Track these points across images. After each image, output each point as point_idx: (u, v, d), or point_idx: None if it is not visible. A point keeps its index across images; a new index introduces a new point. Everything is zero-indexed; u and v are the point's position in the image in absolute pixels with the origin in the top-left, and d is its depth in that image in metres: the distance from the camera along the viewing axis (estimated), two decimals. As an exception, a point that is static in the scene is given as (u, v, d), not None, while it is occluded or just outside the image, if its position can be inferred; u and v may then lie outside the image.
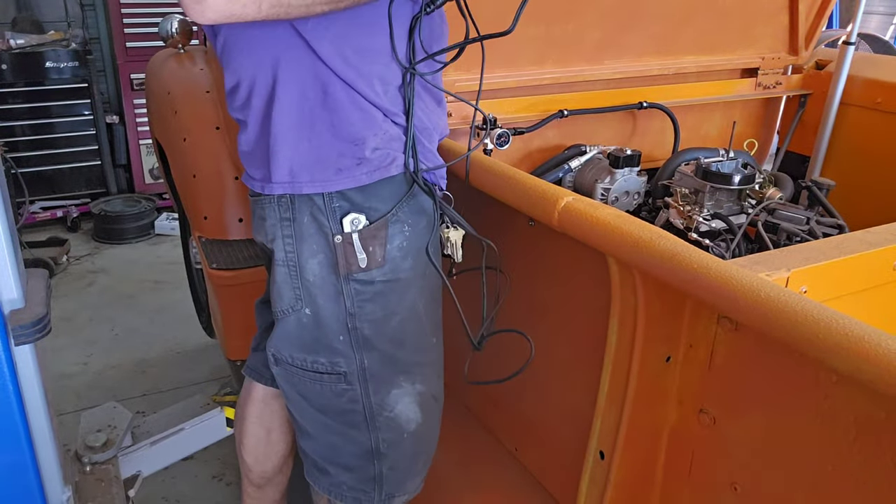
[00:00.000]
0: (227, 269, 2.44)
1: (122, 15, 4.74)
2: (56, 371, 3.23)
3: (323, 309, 1.22)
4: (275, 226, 1.21)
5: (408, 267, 1.24)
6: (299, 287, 1.22)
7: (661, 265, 0.88)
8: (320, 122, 1.15)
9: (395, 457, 1.32)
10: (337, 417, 1.29)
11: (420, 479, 1.38)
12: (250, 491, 1.67)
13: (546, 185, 1.10)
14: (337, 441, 1.31)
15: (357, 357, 1.24)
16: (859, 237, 1.13)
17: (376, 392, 1.27)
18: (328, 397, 1.28)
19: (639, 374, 1.04)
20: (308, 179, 1.16)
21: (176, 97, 2.77)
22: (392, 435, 1.30)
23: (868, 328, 0.69)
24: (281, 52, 1.13)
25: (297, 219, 1.19)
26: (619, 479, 1.10)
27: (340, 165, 1.16)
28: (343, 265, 1.19)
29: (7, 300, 1.31)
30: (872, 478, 0.79)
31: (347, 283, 1.20)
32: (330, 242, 1.18)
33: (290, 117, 1.15)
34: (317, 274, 1.20)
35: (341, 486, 1.34)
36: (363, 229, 1.18)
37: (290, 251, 1.20)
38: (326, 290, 1.21)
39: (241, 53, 1.17)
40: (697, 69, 2.16)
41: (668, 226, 1.72)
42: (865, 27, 6.44)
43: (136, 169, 5.14)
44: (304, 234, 1.19)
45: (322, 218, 1.18)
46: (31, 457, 1.42)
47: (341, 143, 1.16)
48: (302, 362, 1.27)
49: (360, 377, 1.25)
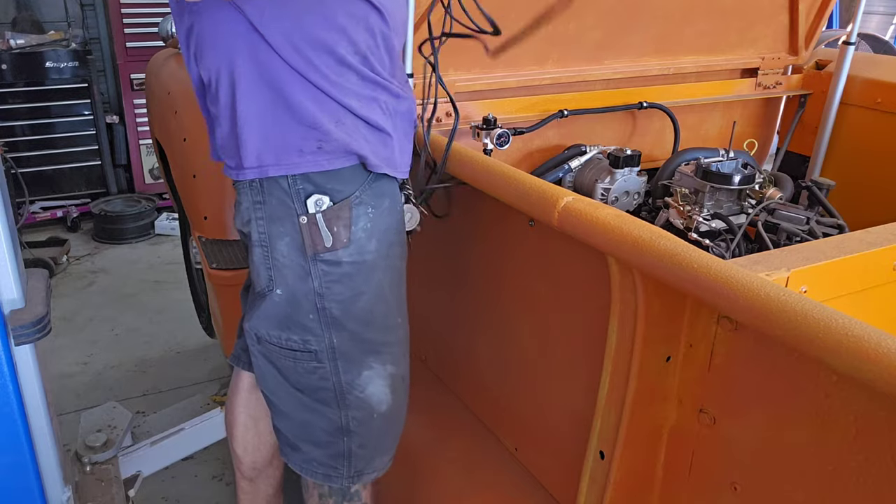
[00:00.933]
0: (227, 269, 2.44)
1: (122, 15, 4.74)
2: (56, 371, 3.23)
3: (293, 288, 1.28)
4: (248, 209, 1.27)
5: (373, 248, 1.29)
6: (271, 268, 1.28)
7: (661, 265, 0.88)
8: (280, 108, 1.21)
9: (364, 434, 1.37)
10: (311, 395, 1.34)
11: (388, 457, 1.43)
12: (243, 485, 1.68)
13: (546, 185, 1.10)
14: (310, 418, 1.36)
15: (326, 336, 1.29)
16: (859, 237, 1.13)
17: (346, 371, 1.32)
18: (301, 374, 1.33)
19: (639, 374, 1.03)
20: (273, 162, 1.23)
21: (176, 97, 2.77)
22: (362, 413, 1.35)
23: (868, 328, 0.69)
24: (239, 45, 1.19)
25: (266, 201, 1.25)
26: (619, 479, 1.10)
27: (302, 148, 1.22)
28: (309, 245, 1.25)
29: (7, 300, 1.31)
30: (872, 478, 0.79)
31: (315, 263, 1.26)
32: (296, 223, 1.24)
33: (252, 106, 1.21)
34: (285, 254, 1.26)
35: (311, 462, 1.39)
36: (327, 210, 1.24)
37: (262, 232, 1.27)
38: (295, 270, 1.27)
39: (209, 50, 1.23)
40: (697, 69, 2.16)
41: (668, 226, 1.72)
42: (865, 27, 6.44)
43: (136, 169, 5.14)
44: (274, 216, 1.25)
45: (287, 200, 1.24)
46: (31, 457, 1.42)
47: (301, 127, 1.21)
48: (277, 339, 1.32)
49: (330, 356, 1.31)
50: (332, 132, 1.22)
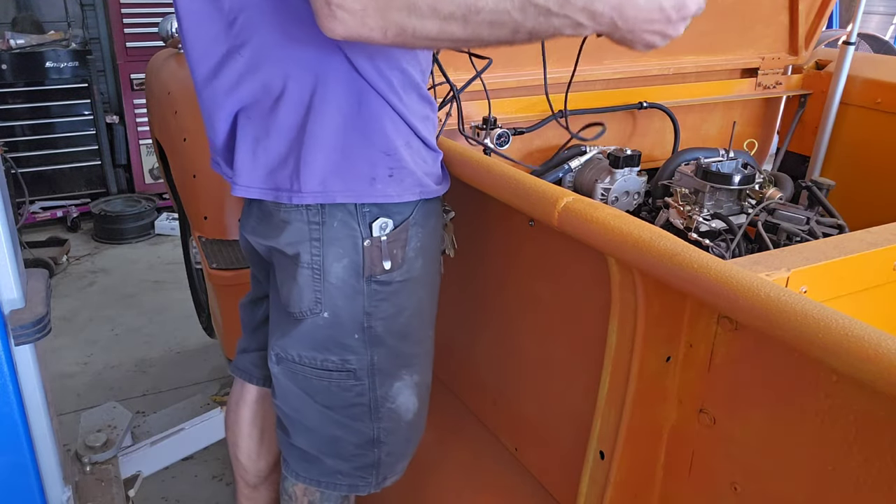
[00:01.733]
0: (227, 269, 2.44)
1: (122, 15, 4.74)
2: (56, 371, 3.23)
3: (341, 310, 1.23)
4: (302, 230, 1.20)
5: (419, 266, 1.27)
6: (321, 290, 1.22)
7: (661, 265, 0.88)
8: (355, 132, 1.15)
9: (392, 443, 1.35)
10: (341, 411, 1.31)
11: (408, 460, 1.42)
12: (246, 492, 1.68)
13: (546, 185, 1.10)
14: (339, 433, 1.32)
15: (368, 353, 1.27)
16: (859, 237, 1.13)
17: (381, 385, 1.30)
18: (335, 392, 1.29)
19: (639, 374, 1.03)
20: (341, 189, 1.16)
21: (176, 97, 2.77)
22: (392, 424, 1.33)
23: (868, 328, 0.69)
24: (319, 64, 1.12)
25: (326, 223, 1.19)
26: (619, 479, 1.10)
27: (374, 175, 1.17)
28: (368, 268, 1.21)
29: (7, 300, 1.31)
30: (872, 478, 0.79)
31: (369, 284, 1.23)
32: (358, 246, 1.20)
33: (326, 128, 1.14)
34: (340, 277, 1.21)
35: (335, 474, 1.36)
36: (390, 233, 1.21)
37: (315, 255, 1.20)
38: (346, 291, 1.22)
39: (276, 63, 1.14)
40: (697, 69, 2.16)
41: (668, 226, 1.72)
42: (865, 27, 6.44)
43: (136, 169, 5.14)
44: (333, 238, 1.20)
45: (352, 222, 1.19)
46: (31, 457, 1.42)
47: (375, 152, 1.16)
48: (311, 361, 1.27)
49: (369, 372, 1.28)
50: (403, 158, 1.18)
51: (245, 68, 1.15)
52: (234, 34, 1.14)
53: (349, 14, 0.94)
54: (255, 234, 1.30)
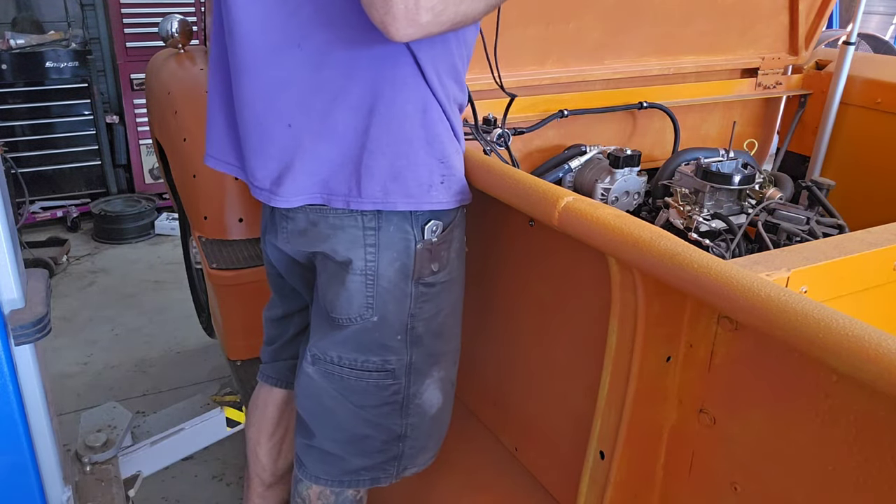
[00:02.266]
0: (227, 269, 2.44)
1: (122, 15, 4.74)
2: (56, 371, 3.23)
3: (390, 313, 1.24)
4: (356, 236, 1.19)
5: (457, 266, 1.30)
6: (373, 296, 1.22)
7: (662, 265, 0.88)
8: (418, 139, 1.16)
9: (415, 437, 1.36)
10: (373, 410, 1.31)
11: (431, 454, 1.42)
12: (260, 491, 1.69)
13: (546, 185, 1.10)
14: (369, 432, 1.33)
15: (407, 353, 1.28)
16: (859, 237, 1.13)
17: (415, 383, 1.31)
18: (372, 392, 1.29)
19: (639, 374, 1.03)
20: (402, 196, 1.16)
21: (176, 97, 2.77)
22: (417, 419, 1.34)
23: (868, 328, 0.69)
24: (389, 68, 1.11)
25: (382, 228, 1.19)
26: (619, 479, 1.10)
27: (431, 182, 1.18)
28: (417, 271, 1.22)
29: (7, 300, 1.31)
30: (872, 478, 0.79)
31: (416, 286, 1.23)
32: (410, 249, 1.20)
33: (391, 134, 1.14)
34: (391, 280, 1.22)
35: (358, 471, 1.36)
36: (438, 235, 1.22)
37: (370, 261, 1.20)
38: (395, 294, 1.23)
39: (335, 64, 1.11)
40: (697, 69, 2.16)
41: (668, 226, 1.72)
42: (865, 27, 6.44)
43: (136, 169, 5.14)
44: (388, 243, 1.20)
45: (407, 226, 1.20)
46: (31, 457, 1.42)
47: (432, 160, 1.17)
48: (352, 362, 1.27)
49: (406, 371, 1.29)
50: (454, 165, 1.20)
51: (302, 64, 1.12)
52: (296, 25, 1.10)
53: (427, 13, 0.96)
54: (293, 243, 1.27)
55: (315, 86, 1.12)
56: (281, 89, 1.14)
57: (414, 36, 0.98)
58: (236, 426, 2.47)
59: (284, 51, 1.12)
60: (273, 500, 1.70)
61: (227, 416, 2.44)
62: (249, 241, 2.60)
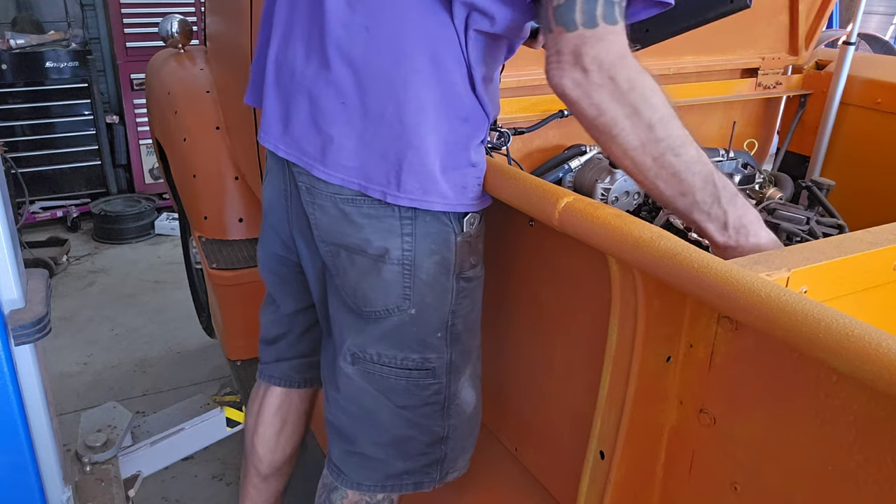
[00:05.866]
0: (227, 269, 2.45)
1: (122, 15, 4.75)
2: (56, 371, 3.23)
3: (429, 307, 1.23)
4: (392, 225, 1.18)
5: (483, 261, 1.30)
6: (410, 286, 1.21)
7: (662, 265, 0.88)
8: (459, 145, 1.17)
9: (457, 438, 1.36)
10: (415, 410, 1.30)
11: (469, 455, 1.42)
12: (256, 482, 1.69)
13: (546, 185, 1.10)
14: (412, 433, 1.32)
15: (448, 351, 1.27)
16: (859, 237, 1.13)
17: (454, 382, 1.31)
18: (413, 392, 1.28)
19: (639, 374, 1.03)
20: (438, 196, 1.17)
21: (176, 97, 2.77)
22: (457, 420, 1.34)
23: (868, 328, 0.69)
24: (443, 74, 1.13)
25: (419, 217, 1.18)
26: (619, 479, 1.10)
27: (465, 184, 1.19)
28: (458, 265, 1.22)
29: (7, 300, 1.31)
30: (872, 478, 0.79)
31: (458, 281, 1.23)
32: (451, 242, 1.20)
33: (438, 134, 1.15)
34: (430, 273, 1.21)
35: (401, 476, 1.35)
36: (476, 227, 1.23)
37: (407, 250, 1.19)
38: (435, 288, 1.22)
39: (395, 60, 1.13)
40: (697, 69, 2.16)
41: (668, 226, 1.71)
42: (865, 27, 6.44)
43: (136, 169, 5.14)
44: (427, 233, 1.19)
45: (445, 218, 1.19)
46: (31, 457, 1.42)
47: (467, 163, 1.18)
48: (391, 360, 1.26)
49: (447, 370, 1.28)
50: (483, 168, 1.21)
51: (366, 48, 1.13)
52: (368, 9, 1.12)
53: (586, 78, 1.01)
54: (320, 231, 1.25)
55: (374, 72, 1.13)
56: (344, 66, 1.15)
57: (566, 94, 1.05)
58: (236, 426, 2.47)
59: (353, 30, 1.13)
60: (268, 491, 1.70)
61: (227, 416, 2.45)
62: (249, 241, 2.60)
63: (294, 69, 1.22)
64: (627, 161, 1.06)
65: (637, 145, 1.04)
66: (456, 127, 1.16)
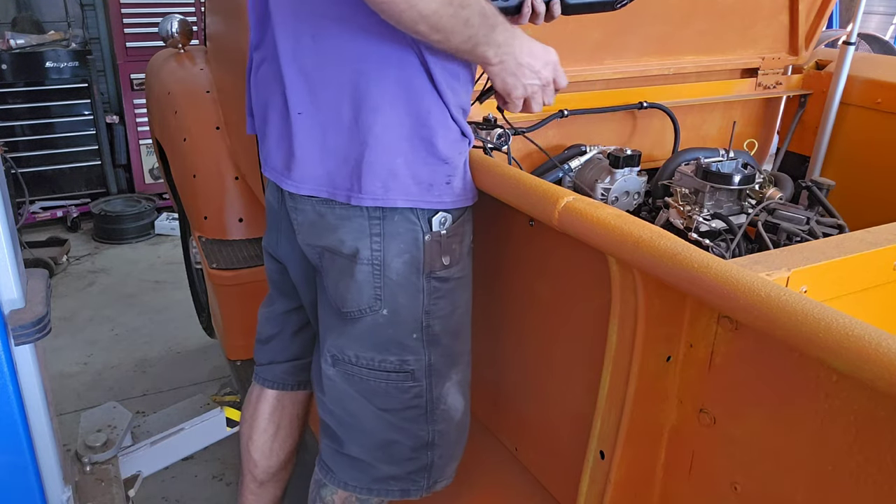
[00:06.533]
0: (227, 269, 2.45)
1: (122, 15, 4.74)
2: (56, 371, 3.23)
3: (402, 307, 1.23)
4: (361, 225, 1.20)
5: (469, 262, 1.30)
6: (381, 286, 1.22)
7: (662, 265, 0.88)
8: (419, 139, 1.16)
9: (444, 445, 1.35)
10: (398, 414, 1.30)
11: (457, 463, 1.41)
12: (252, 487, 1.69)
13: (546, 185, 1.10)
14: (396, 437, 1.32)
15: (426, 354, 1.27)
16: (859, 237, 1.13)
17: (437, 386, 1.30)
18: (393, 395, 1.29)
19: (639, 374, 1.03)
20: (401, 194, 1.17)
21: (176, 97, 2.77)
22: (444, 425, 1.33)
23: (868, 328, 0.69)
24: (394, 70, 1.13)
25: (386, 217, 1.19)
26: (619, 479, 1.10)
27: (433, 182, 1.18)
28: (428, 263, 1.22)
29: (7, 300, 1.31)
30: (872, 478, 0.79)
31: (428, 281, 1.23)
32: (419, 241, 1.20)
33: (392, 131, 1.15)
34: (400, 273, 1.21)
35: (387, 480, 1.35)
36: (449, 228, 1.22)
37: (376, 249, 1.20)
38: (406, 288, 1.22)
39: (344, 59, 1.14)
40: (697, 69, 2.16)
41: (668, 226, 1.72)
42: (865, 27, 6.44)
43: (136, 169, 5.14)
44: (394, 233, 1.20)
45: (413, 217, 1.20)
46: (31, 457, 1.42)
47: (435, 159, 1.18)
48: (369, 362, 1.27)
49: (426, 373, 1.28)
50: (459, 166, 1.21)
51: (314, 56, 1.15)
52: (312, 18, 1.14)
53: None
54: (304, 235, 1.28)
55: (325, 79, 1.16)
56: (297, 77, 1.18)
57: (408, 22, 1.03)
58: (236, 426, 2.47)
59: (302, 41, 1.16)
60: (266, 497, 1.70)
61: (227, 416, 2.44)
62: (249, 241, 2.60)
63: (261, 83, 1.27)
64: (423, 26, 1.06)
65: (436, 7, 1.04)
66: (418, 121, 1.16)
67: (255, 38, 1.30)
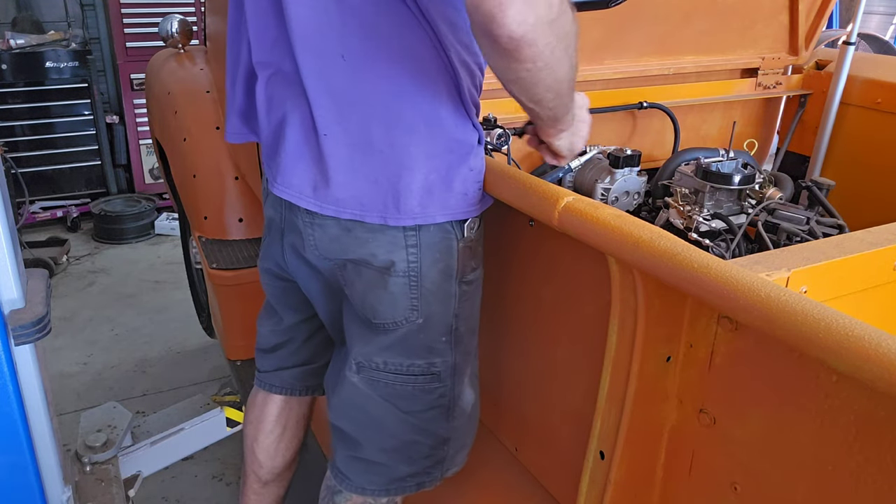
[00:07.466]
0: (227, 269, 2.45)
1: (122, 15, 4.75)
2: (56, 371, 3.23)
3: (435, 314, 1.23)
4: (396, 237, 1.17)
5: (482, 263, 1.30)
6: (417, 297, 1.21)
7: (662, 265, 0.88)
8: (451, 153, 1.16)
9: (458, 438, 1.36)
10: (421, 415, 1.30)
11: (468, 450, 1.42)
12: (256, 488, 1.69)
13: (546, 185, 1.10)
14: (417, 438, 1.32)
15: (452, 355, 1.27)
16: (859, 237, 1.13)
17: (458, 384, 1.31)
18: (417, 396, 1.29)
19: (639, 374, 1.03)
20: (440, 209, 1.16)
21: (176, 97, 2.77)
22: (460, 421, 1.34)
23: (868, 328, 0.69)
24: (429, 86, 1.11)
25: (422, 227, 1.18)
26: (619, 479, 1.10)
27: (466, 191, 1.18)
28: (460, 270, 1.22)
29: (7, 300, 1.31)
30: (872, 478, 0.79)
31: (459, 286, 1.24)
32: (453, 249, 1.20)
33: (426, 149, 1.13)
34: (435, 282, 1.21)
35: (404, 479, 1.35)
36: (476, 231, 1.23)
37: (413, 261, 1.19)
38: (439, 296, 1.22)
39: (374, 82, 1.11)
40: (697, 69, 2.16)
41: (668, 226, 1.72)
42: (865, 27, 6.44)
43: (136, 169, 5.14)
44: (430, 243, 1.19)
45: (448, 226, 1.19)
46: (31, 457, 1.42)
47: (465, 170, 1.18)
48: (397, 367, 1.26)
49: (451, 373, 1.29)
50: (482, 171, 1.20)
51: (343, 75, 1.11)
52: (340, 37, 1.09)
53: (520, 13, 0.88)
54: (322, 250, 1.24)
55: (354, 98, 1.12)
56: (323, 96, 1.13)
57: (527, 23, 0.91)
58: (236, 426, 2.47)
59: (328, 60, 1.11)
60: (269, 497, 1.70)
61: (227, 416, 2.45)
62: (249, 241, 2.60)
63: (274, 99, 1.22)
64: (550, 94, 1.05)
65: (562, 76, 1.02)
66: (452, 138, 1.15)
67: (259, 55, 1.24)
